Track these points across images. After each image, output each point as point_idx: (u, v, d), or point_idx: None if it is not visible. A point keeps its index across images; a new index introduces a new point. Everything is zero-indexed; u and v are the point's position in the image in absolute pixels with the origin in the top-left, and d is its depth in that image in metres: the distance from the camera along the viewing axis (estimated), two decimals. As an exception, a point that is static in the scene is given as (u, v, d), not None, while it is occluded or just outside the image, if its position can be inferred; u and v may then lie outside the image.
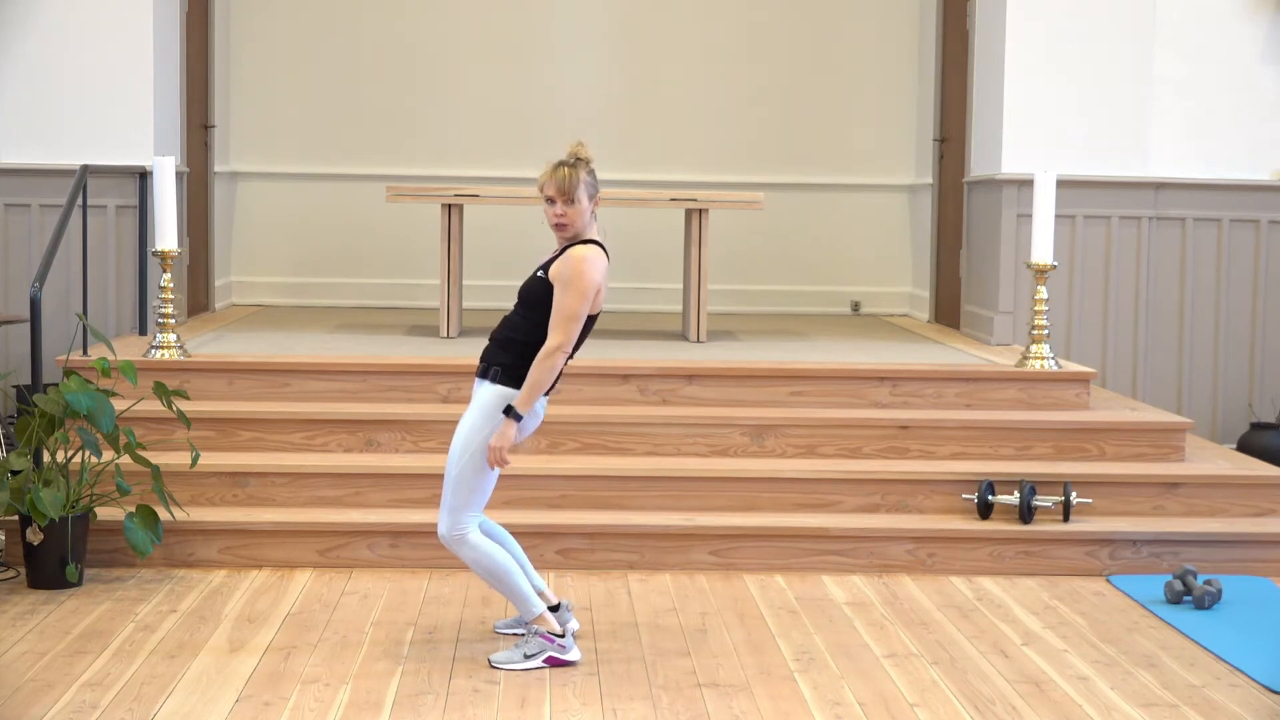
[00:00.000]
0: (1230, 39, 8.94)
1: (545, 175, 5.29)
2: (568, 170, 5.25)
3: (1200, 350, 9.03)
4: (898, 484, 6.90)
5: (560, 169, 5.26)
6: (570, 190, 5.22)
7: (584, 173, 5.25)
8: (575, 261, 5.19)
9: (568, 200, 5.23)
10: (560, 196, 5.23)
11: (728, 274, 10.68)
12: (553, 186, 5.24)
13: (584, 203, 5.24)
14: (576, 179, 5.23)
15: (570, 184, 5.22)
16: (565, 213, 5.24)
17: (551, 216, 5.27)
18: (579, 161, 5.27)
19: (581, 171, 5.25)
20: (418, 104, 10.79)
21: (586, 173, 5.26)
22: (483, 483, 5.25)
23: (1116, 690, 5.15)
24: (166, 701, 4.86)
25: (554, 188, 5.24)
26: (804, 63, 10.86)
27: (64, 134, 8.57)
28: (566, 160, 5.29)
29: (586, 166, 5.27)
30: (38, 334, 6.72)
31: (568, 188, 5.22)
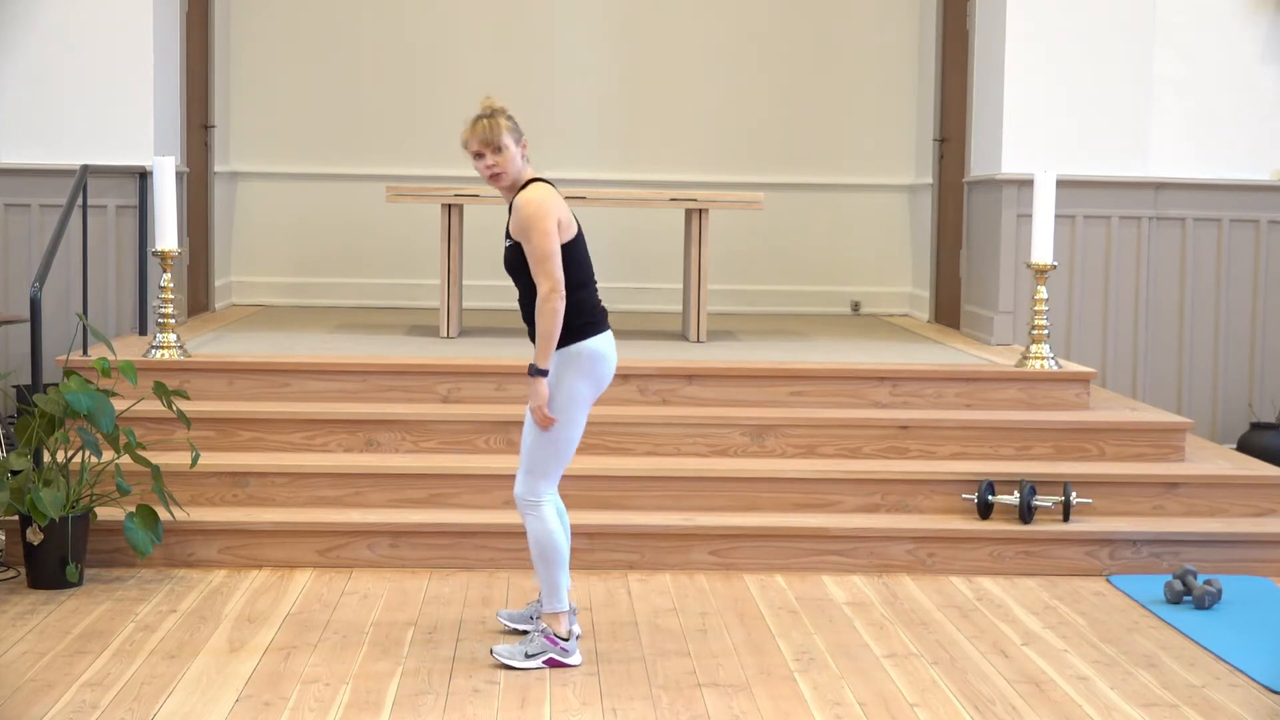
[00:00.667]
0: (1230, 39, 8.94)
1: (465, 133, 5.31)
2: (486, 121, 5.28)
3: (1200, 350, 9.03)
4: (898, 484, 6.90)
5: (479, 122, 5.29)
6: (495, 138, 5.25)
7: (503, 119, 5.28)
8: (522, 207, 5.20)
9: (495, 150, 5.26)
10: (487, 148, 5.26)
11: (728, 274, 10.68)
12: (475, 141, 5.28)
13: (511, 148, 5.26)
14: (498, 126, 5.26)
15: (493, 133, 5.25)
16: (496, 162, 5.27)
17: (484, 170, 5.30)
18: (495, 111, 5.30)
19: (500, 119, 5.27)
20: (418, 104, 10.79)
21: (506, 119, 5.28)
22: (557, 450, 5.26)
23: (1116, 690, 5.15)
24: (166, 701, 4.86)
25: (477, 141, 5.27)
26: (804, 63, 10.86)
27: (64, 134, 8.57)
28: (482, 113, 5.31)
29: (504, 114, 5.29)
30: (38, 334, 6.72)
31: (491, 137, 5.25)
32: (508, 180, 5.29)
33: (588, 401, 5.29)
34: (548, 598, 5.27)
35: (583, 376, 5.24)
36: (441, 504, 6.77)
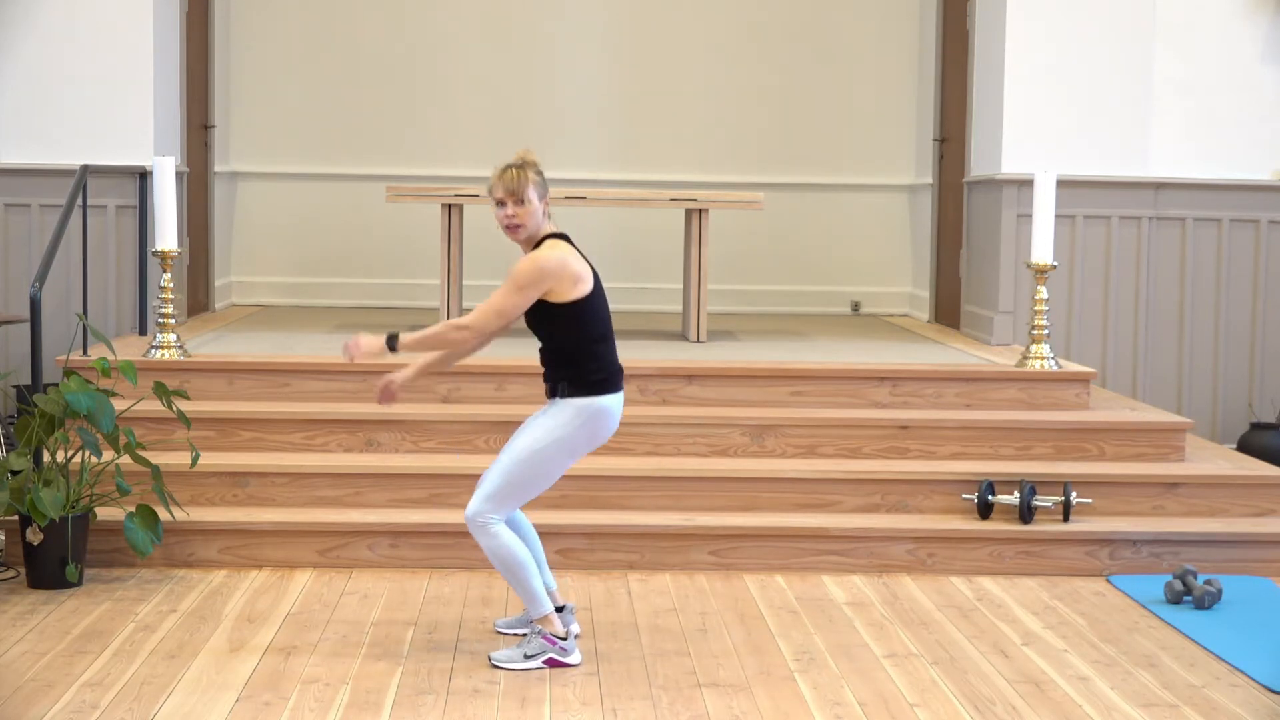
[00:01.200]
0: (1230, 39, 8.94)
1: (493, 179, 5.31)
2: (515, 171, 5.27)
3: (1200, 350, 9.03)
4: (898, 484, 6.90)
5: (508, 171, 5.28)
6: (520, 190, 5.24)
7: (532, 173, 5.27)
8: (527, 261, 5.21)
9: (517, 201, 5.25)
10: (510, 198, 5.25)
11: (728, 274, 10.68)
12: (501, 188, 5.26)
13: (535, 203, 5.25)
14: (525, 179, 5.25)
15: (519, 184, 5.24)
16: (516, 214, 5.26)
17: (503, 219, 5.28)
18: (525, 164, 5.29)
19: (530, 171, 5.27)
20: (418, 104, 10.79)
21: (535, 173, 5.28)
22: (529, 487, 5.25)
23: (1116, 690, 5.15)
24: (166, 701, 4.86)
25: (502, 189, 5.26)
26: (804, 63, 10.86)
27: (64, 134, 8.57)
28: (513, 162, 5.31)
29: (534, 168, 5.29)
30: (38, 334, 6.72)
31: (517, 188, 5.24)
32: (524, 234, 5.29)
33: (577, 454, 5.30)
34: (530, 606, 5.27)
35: (584, 429, 5.24)
36: (441, 504, 6.77)
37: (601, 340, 5.26)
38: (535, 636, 5.25)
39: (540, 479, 5.26)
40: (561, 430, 5.22)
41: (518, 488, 5.23)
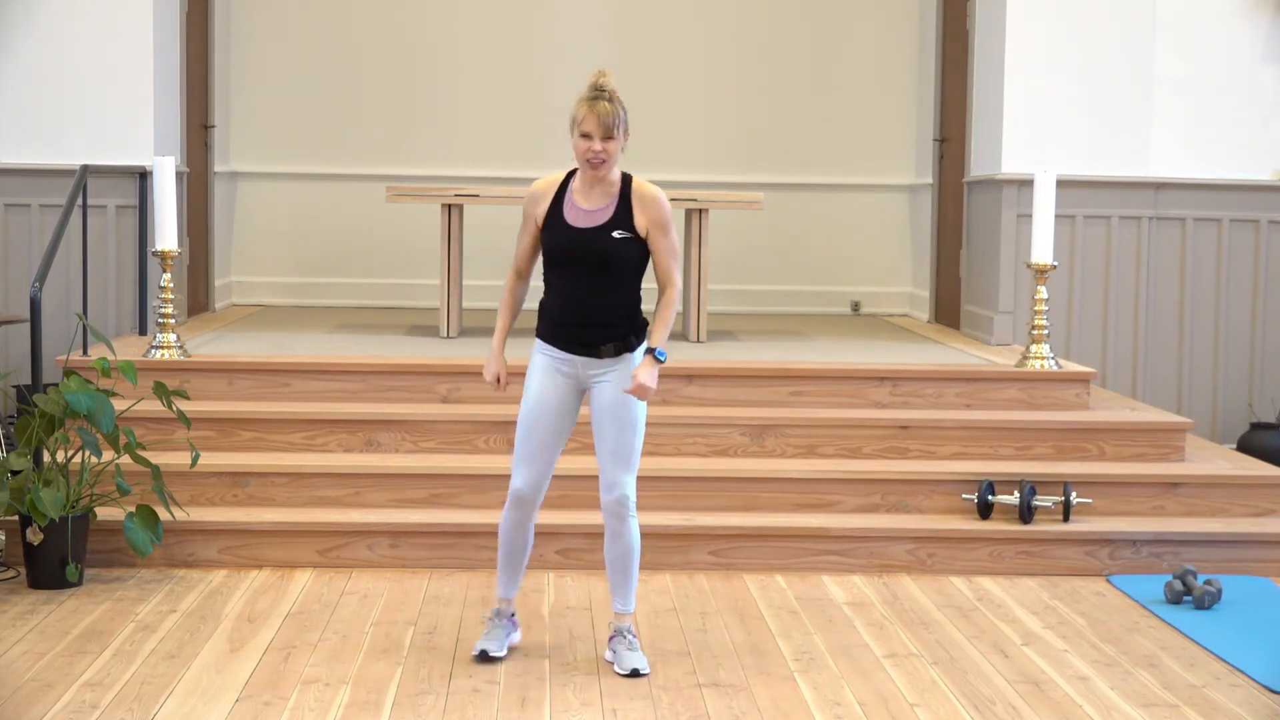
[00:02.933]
0: (1230, 39, 8.94)
1: (582, 110, 5.06)
2: (608, 105, 5.06)
3: (1200, 350, 9.03)
4: (898, 484, 6.90)
5: (600, 103, 5.05)
6: (612, 125, 5.04)
7: (620, 107, 5.08)
8: (664, 203, 5.10)
9: (608, 136, 5.06)
10: (601, 132, 5.05)
11: (728, 274, 10.68)
12: (594, 122, 5.04)
13: (622, 139, 5.08)
14: (618, 114, 5.06)
15: (614, 119, 5.04)
16: (605, 149, 5.06)
17: (587, 153, 5.05)
18: (615, 97, 5.09)
19: (619, 105, 5.07)
20: (418, 104, 10.79)
21: (621, 107, 5.08)
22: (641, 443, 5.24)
23: (1116, 690, 5.15)
24: (166, 701, 4.86)
25: (595, 123, 5.04)
26: (804, 63, 10.86)
27: (64, 134, 8.57)
28: (602, 93, 5.09)
29: (620, 100, 5.10)
30: (38, 334, 6.72)
31: (611, 123, 5.04)
32: (605, 170, 5.10)
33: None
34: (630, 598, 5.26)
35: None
36: (441, 504, 6.77)
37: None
38: (630, 635, 5.25)
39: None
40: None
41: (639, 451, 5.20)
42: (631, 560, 5.25)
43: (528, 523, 5.29)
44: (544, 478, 5.24)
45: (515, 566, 5.35)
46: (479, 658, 5.23)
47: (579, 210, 5.14)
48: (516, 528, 5.27)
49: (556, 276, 5.18)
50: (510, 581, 5.36)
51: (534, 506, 5.26)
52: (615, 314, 5.16)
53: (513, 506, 5.24)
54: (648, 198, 5.12)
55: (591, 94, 5.09)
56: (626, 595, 5.29)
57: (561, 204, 5.16)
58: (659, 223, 5.10)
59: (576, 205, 5.15)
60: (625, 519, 5.20)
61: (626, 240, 5.11)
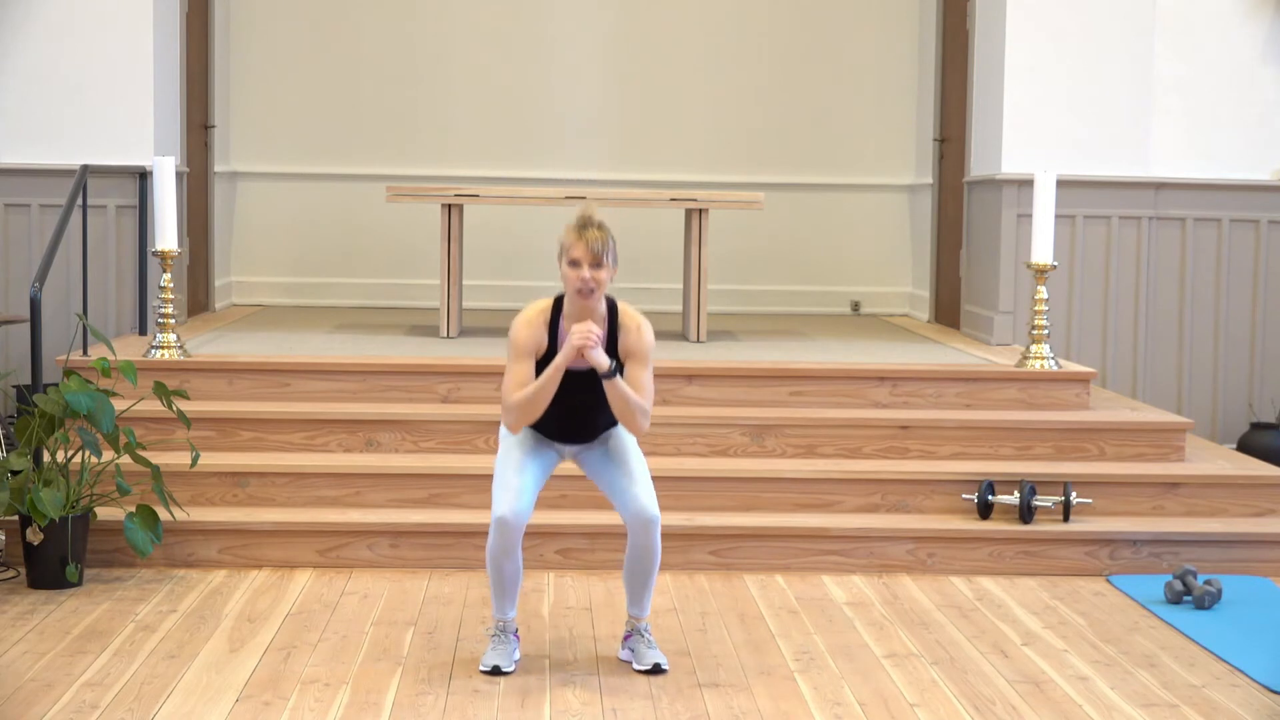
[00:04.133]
0: (1230, 39, 8.94)
1: (570, 238, 5.06)
2: (597, 233, 5.04)
3: (1200, 350, 9.03)
4: (898, 484, 6.90)
5: (589, 231, 5.04)
6: (601, 253, 5.03)
7: (609, 235, 5.07)
8: (646, 336, 5.13)
9: (597, 264, 5.04)
10: (590, 259, 5.03)
11: (728, 274, 10.68)
12: (583, 249, 5.02)
13: (611, 268, 5.07)
14: (608, 243, 5.05)
15: (603, 248, 5.04)
16: (594, 277, 5.04)
17: (577, 281, 5.04)
18: (603, 225, 5.08)
19: (608, 234, 5.07)
20: (418, 104, 10.79)
21: (610, 236, 5.08)
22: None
23: (1116, 690, 5.15)
24: (166, 701, 4.86)
25: (584, 250, 5.02)
26: (804, 63, 10.86)
27: (64, 134, 8.57)
28: (590, 221, 5.08)
29: (608, 228, 5.09)
30: (38, 334, 6.72)
31: (600, 250, 5.03)
32: (595, 300, 5.10)
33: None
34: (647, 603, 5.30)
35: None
36: (441, 504, 6.77)
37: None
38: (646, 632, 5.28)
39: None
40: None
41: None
42: (654, 572, 5.26)
43: (514, 550, 5.16)
44: (527, 507, 5.15)
45: (510, 591, 5.25)
46: (490, 673, 5.20)
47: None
48: (504, 554, 5.16)
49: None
50: (508, 604, 5.27)
51: (518, 532, 5.14)
52: (603, 419, 5.25)
53: (497, 533, 5.13)
54: (631, 330, 5.15)
55: (580, 223, 5.08)
56: (644, 602, 5.30)
57: (556, 341, 5.14)
58: (638, 355, 5.13)
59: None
60: (656, 536, 5.19)
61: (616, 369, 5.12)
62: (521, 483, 5.17)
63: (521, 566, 5.25)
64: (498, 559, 5.17)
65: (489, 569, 5.21)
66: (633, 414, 5.11)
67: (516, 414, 5.12)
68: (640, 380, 5.14)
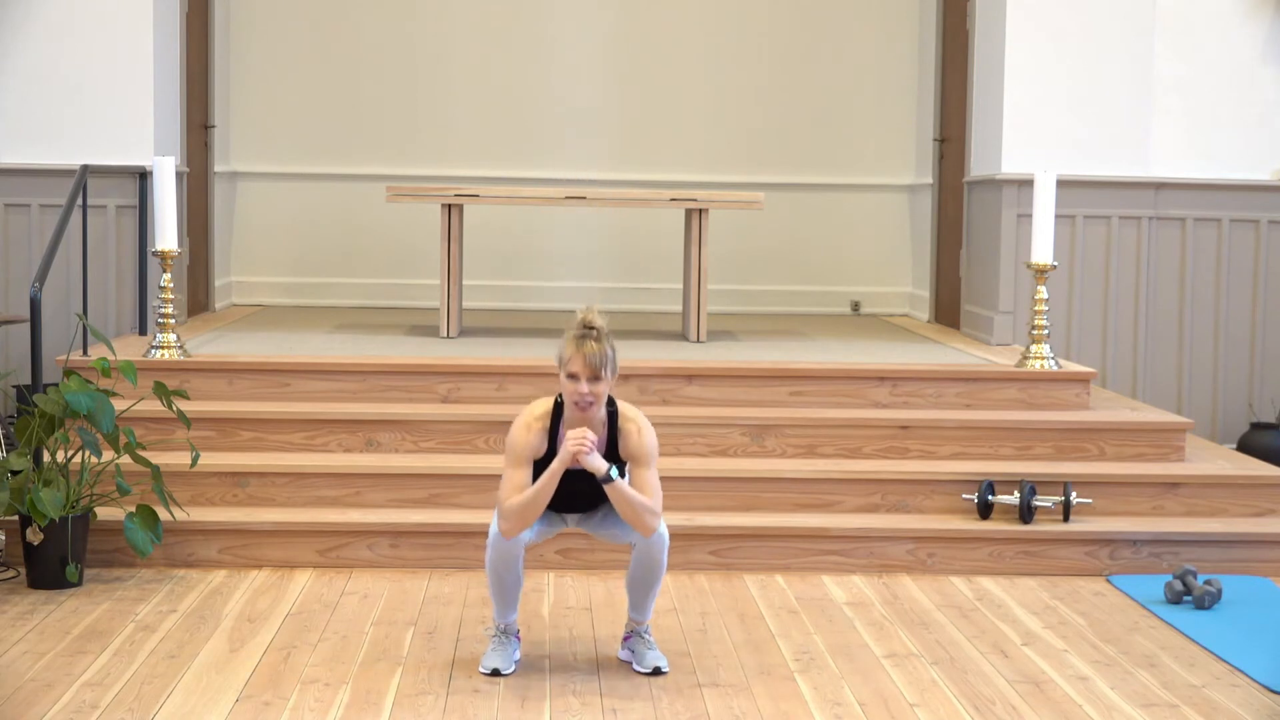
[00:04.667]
0: (1230, 39, 8.94)
1: (569, 350, 4.92)
2: (595, 345, 4.90)
3: (1200, 350, 9.03)
4: (898, 484, 6.90)
5: (587, 344, 4.90)
6: (599, 366, 4.91)
7: (608, 346, 4.94)
8: (648, 437, 5.06)
9: (595, 377, 4.94)
10: (588, 373, 4.93)
11: (728, 274, 10.68)
12: (580, 363, 4.90)
13: (609, 379, 4.95)
14: (605, 355, 4.93)
15: (601, 361, 4.91)
16: (593, 391, 4.94)
17: (575, 395, 4.91)
18: (603, 335, 4.95)
19: (607, 345, 4.94)
20: (418, 104, 10.79)
21: (609, 345, 4.95)
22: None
23: (1116, 690, 5.15)
24: (166, 701, 4.86)
25: (582, 364, 4.91)
26: (804, 63, 10.86)
27: (64, 134, 8.57)
28: (589, 333, 4.95)
29: (608, 337, 4.96)
30: (38, 334, 6.72)
31: (598, 364, 4.92)
32: (596, 410, 5.00)
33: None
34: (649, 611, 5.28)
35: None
36: (441, 504, 6.77)
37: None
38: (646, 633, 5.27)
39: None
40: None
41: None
42: (659, 582, 5.24)
43: (515, 563, 5.15)
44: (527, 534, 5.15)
45: (511, 598, 5.23)
46: (490, 675, 5.19)
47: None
48: (505, 567, 5.14)
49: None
50: (508, 610, 5.25)
51: (518, 547, 5.11)
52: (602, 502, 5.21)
53: (495, 550, 5.11)
54: (631, 434, 5.06)
55: (579, 332, 4.96)
56: (646, 608, 5.29)
57: (555, 445, 5.07)
58: (640, 457, 5.06)
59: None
60: (664, 551, 5.16)
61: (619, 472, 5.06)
62: None
63: (522, 576, 5.23)
64: (498, 571, 5.16)
65: (489, 578, 5.20)
66: (638, 515, 5.00)
67: (513, 520, 5.01)
68: (646, 481, 5.04)
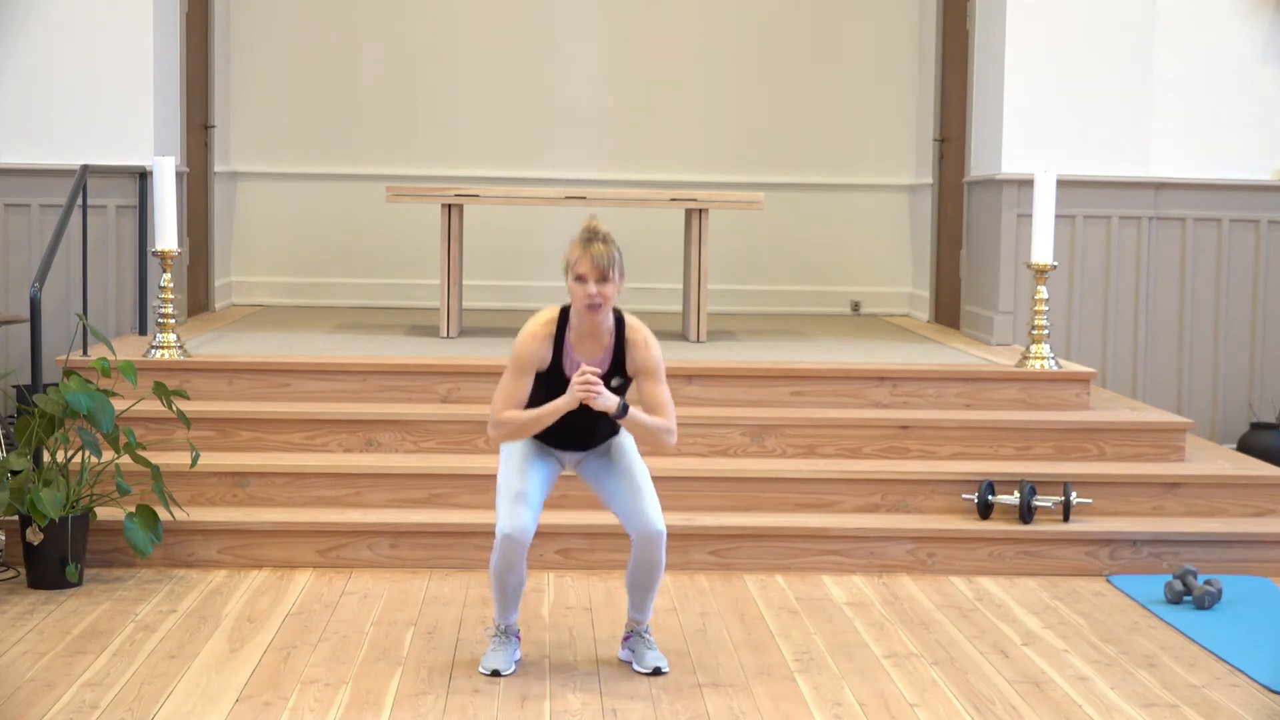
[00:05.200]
0: (1230, 39, 8.94)
1: (576, 253, 4.98)
2: (602, 247, 4.96)
3: (1200, 350, 9.03)
4: (898, 484, 6.90)
5: (594, 245, 4.96)
6: (607, 268, 4.95)
7: (615, 249, 4.99)
8: (654, 349, 5.09)
9: (603, 279, 4.97)
10: (596, 275, 4.96)
11: (728, 274, 10.68)
12: (588, 264, 4.95)
13: (617, 281, 4.99)
14: (613, 256, 4.97)
15: (609, 262, 4.96)
16: (601, 292, 4.97)
17: (585, 298, 4.97)
18: (609, 239, 5.00)
19: (614, 248, 4.98)
20: (418, 104, 10.79)
21: (616, 248, 5.00)
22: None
23: (1116, 690, 5.15)
24: (166, 701, 4.86)
25: (590, 266, 4.95)
26: (804, 63, 10.86)
27: (64, 134, 8.57)
28: (595, 235, 5.00)
29: (614, 240, 5.01)
30: (38, 334, 6.72)
31: (606, 265, 4.96)
32: (603, 314, 5.03)
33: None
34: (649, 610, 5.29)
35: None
36: (441, 504, 6.77)
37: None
38: (647, 633, 5.27)
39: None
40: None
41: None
42: (658, 582, 5.25)
43: (519, 564, 5.15)
44: (532, 522, 5.12)
45: (513, 600, 5.24)
46: (490, 676, 5.19)
47: (578, 364, 5.08)
48: (509, 570, 5.15)
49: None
50: (510, 611, 5.26)
51: (524, 548, 5.11)
52: (606, 428, 5.23)
53: (502, 550, 5.11)
54: (640, 345, 5.09)
55: (585, 236, 5.00)
56: (646, 608, 5.29)
57: (560, 355, 5.10)
58: (650, 370, 5.09)
59: (574, 359, 5.09)
60: (661, 551, 5.17)
61: (622, 386, 5.14)
62: (527, 494, 5.13)
63: (525, 576, 5.23)
64: (502, 573, 5.16)
65: (493, 580, 5.19)
66: (657, 439, 5.09)
67: (504, 434, 5.09)
68: (658, 396, 5.10)
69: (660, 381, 5.12)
